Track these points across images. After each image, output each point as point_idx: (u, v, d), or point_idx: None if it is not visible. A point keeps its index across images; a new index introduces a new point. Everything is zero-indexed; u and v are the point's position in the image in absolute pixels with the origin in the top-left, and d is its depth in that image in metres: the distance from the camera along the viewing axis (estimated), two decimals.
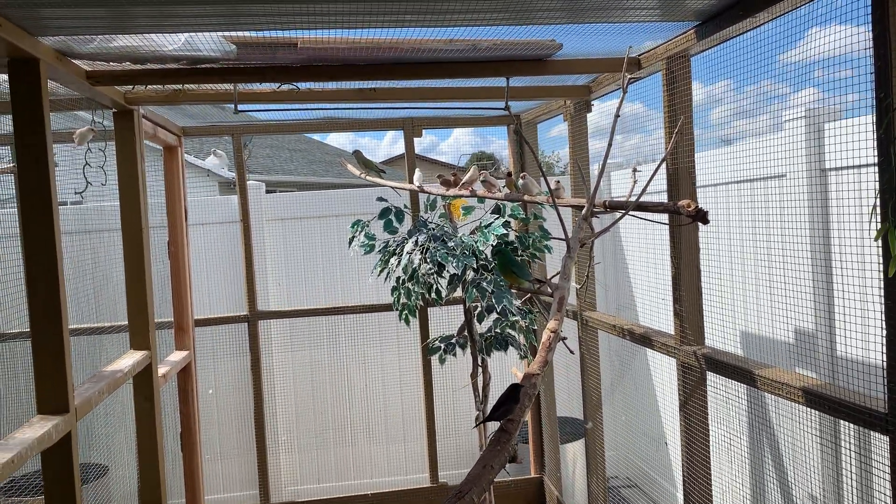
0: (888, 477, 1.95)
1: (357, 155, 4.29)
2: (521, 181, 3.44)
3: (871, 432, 2.59)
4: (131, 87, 3.23)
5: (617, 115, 2.78)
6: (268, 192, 5.54)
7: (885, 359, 1.89)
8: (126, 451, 4.74)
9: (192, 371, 4.40)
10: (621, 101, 2.75)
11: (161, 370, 3.73)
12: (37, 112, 2.38)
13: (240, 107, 3.49)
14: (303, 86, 3.32)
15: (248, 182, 4.79)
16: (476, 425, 4.08)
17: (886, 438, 1.92)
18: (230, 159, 3.32)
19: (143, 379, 3.44)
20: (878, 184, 1.87)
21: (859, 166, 2.69)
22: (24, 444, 2.14)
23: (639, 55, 3.07)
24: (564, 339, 2.50)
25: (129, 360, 3.28)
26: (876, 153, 1.86)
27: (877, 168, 1.87)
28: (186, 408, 4.37)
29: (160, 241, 4.27)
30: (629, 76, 2.86)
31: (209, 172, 11.81)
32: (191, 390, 4.38)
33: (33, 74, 2.38)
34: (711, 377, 2.84)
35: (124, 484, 4.80)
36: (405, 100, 3.62)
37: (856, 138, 2.39)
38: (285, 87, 3.27)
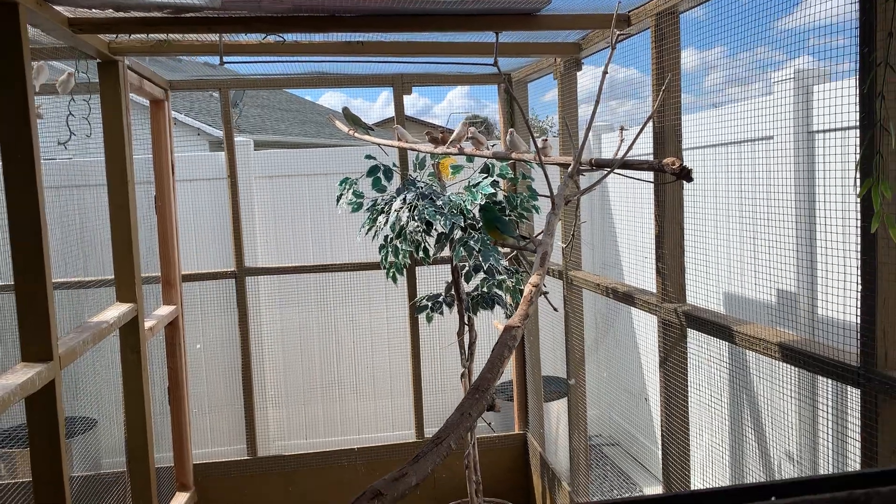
0: (859, 428, 1.99)
1: (345, 112, 4.26)
2: (508, 137, 3.43)
3: (848, 388, 2.64)
4: (115, 36, 3.18)
5: (605, 72, 2.76)
6: (256, 150, 5.51)
7: (858, 313, 1.92)
8: (114, 405, 4.78)
9: (180, 325, 4.42)
10: (609, 58, 2.74)
11: (148, 324, 3.74)
12: (17, 58, 2.35)
13: (225, 59, 3.45)
14: (289, 38, 3.28)
15: (235, 139, 4.76)
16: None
17: (858, 391, 1.95)
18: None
19: (130, 331, 3.45)
20: (859, 139, 1.87)
21: (845, 129, 2.70)
22: (6, 389, 2.15)
23: (628, 11, 3.04)
24: (546, 293, 2.52)
25: (115, 311, 3.29)
26: (858, 108, 1.87)
27: (858, 125, 1.88)
28: (174, 362, 4.39)
29: (147, 196, 4.26)
30: (618, 32, 2.84)
31: (199, 131, 11.71)
32: (178, 344, 4.40)
33: (12, 19, 2.34)
34: (692, 334, 2.87)
35: (112, 437, 4.86)
36: (393, 54, 3.58)
37: (843, 100, 2.39)
38: (271, 38, 3.23)
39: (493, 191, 3.84)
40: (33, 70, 3.14)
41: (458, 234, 3.81)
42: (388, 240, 3.90)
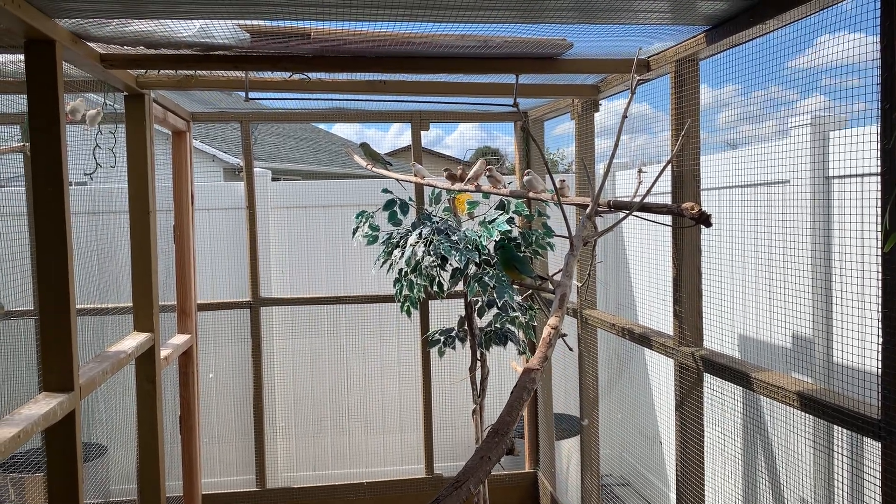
0: (879, 483, 1.98)
1: (364, 147, 4.31)
2: (525, 177, 3.47)
3: (865, 438, 2.62)
4: (144, 71, 3.25)
5: (624, 116, 2.79)
6: (273, 179, 5.57)
7: (880, 366, 1.92)
8: (125, 432, 4.79)
9: (194, 355, 4.44)
10: (629, 103, 2.77)
11: (163, 353, 3.76)
12: (51, 93, 2.41)
13: (251, 95, 3.51)
14: (314, 76, 3.34)
15: (254, 169, 4.82)
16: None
17: (878, 444, 1.95)
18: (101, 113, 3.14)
19: (146, 360, 3.47)
20: (880, 194, 1.89)
21: (863, 175, 2.72)
22: (29, 420, 2.17)
23: (648, 57, 3.09)
24: (564, 335, 2.53)
25: (133, 341, 3.32)
26: (879, 163, 1.89)
27: (879, 178, 1.90)
28: (187, 391, 4.40)
29: (166, 225, 4.31)
30: (638, 77, 2.88)
31: (214, 157, 11.86)
32: (192, 374, 4.41)
33: (49, 55, 2.40)
34: (708, 378, 2.87)
35: (123, 464, 4.85)
36: (415, 93, 3.64)
37: (861, 147, 2.41)
38: (296, 76, 3.29)
39: (508, 227, 3.87)
40: (91, 115, 3.22)
41: (472, 269, 3.83)
42: (403, 273, 3.92)
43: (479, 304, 4.04)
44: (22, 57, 2.45)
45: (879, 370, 1.92)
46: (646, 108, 4.16)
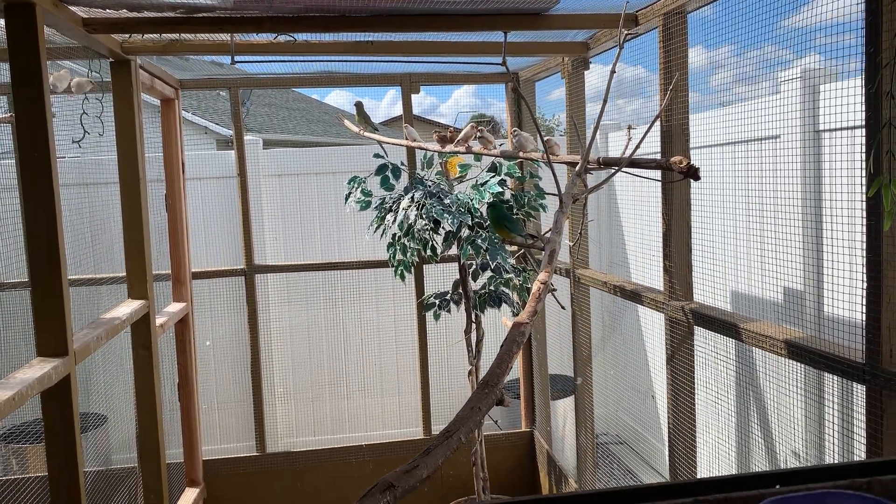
0: (864, 425, 2.01)
1: (358, 106, 4.26)
2: (515, 137, 3.46)
3: (854, 385, 2.66)
4: (128, 35, 3.22)
5: (613, 71, 2.78)
6: (265, 148, 5.55)
7: (864, 311, 1.94)
8: (125, 401, 4.83)
9: (190, 322, 4.46)
10: (617, 57, 2.76)
11: (159, 321, 3.78)
12: (33, 58, 2.39)
13: (237, 58, 3.48)
14: (300, 38, 3.31)
15: (245, 137, 4.79)
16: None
17: (863, 388, 1.97)
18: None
19: (141, 328, 3.49)
20: (865, 139, 1.90)
21: (853, 128, 2.71)
22: (24, 383, 2.19)
23: (636, 11, 3.06)
24: (554, 290, 2.55)
25: (127, 308, 3.33)
26: (864, 108, 1.89)
27: (864, 124, 1.90)
28: (184, 358, 4.43)
29: (157, 194, 4.30)
30: (626, 32, 2.86)
31: (207, 129, 11.78)
32: (188, 341, 4.44)
33: (29, 19, 2.38)
34: (699, 331, 2.89)
35: (123, 433, 4.90)
36: (402, 53, 3.62)
37: (850, 100, 2.41)
38: (282, 38, 3.26)
39: (500, 189, 3.87)
40: (78, 83, 3.19)
41: (465, 232, 3.84)
42: (397, 238, 3.93)
43: (473, 267, 4.06)
44: (3, 23, 2.43)
45: (863, 315, 1.94)
46: (640, 71, 4.13)
